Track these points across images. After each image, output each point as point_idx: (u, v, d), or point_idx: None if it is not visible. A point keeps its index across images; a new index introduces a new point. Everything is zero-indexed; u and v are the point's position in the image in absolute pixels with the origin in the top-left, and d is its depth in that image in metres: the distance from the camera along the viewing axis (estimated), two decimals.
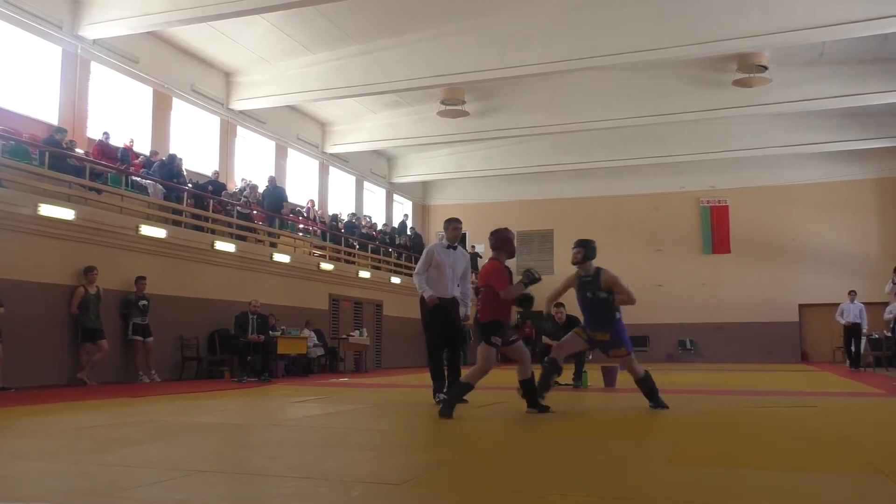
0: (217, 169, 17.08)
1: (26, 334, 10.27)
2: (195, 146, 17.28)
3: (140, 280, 12.15)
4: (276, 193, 17.45)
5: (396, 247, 22.85)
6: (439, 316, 7.33)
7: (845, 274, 23.07)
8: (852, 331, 16.29)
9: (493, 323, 6.15)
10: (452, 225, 7.43)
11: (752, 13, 14.33)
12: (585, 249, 6.81)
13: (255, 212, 16.38)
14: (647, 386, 6.77)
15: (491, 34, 15.93)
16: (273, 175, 17.92)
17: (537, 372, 6.66)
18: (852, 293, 16.65)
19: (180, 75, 16.62)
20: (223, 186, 16.44)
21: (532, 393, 6.40)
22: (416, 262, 23.24)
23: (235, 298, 14.00)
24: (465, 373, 6.31)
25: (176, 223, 13.67)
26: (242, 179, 17.21)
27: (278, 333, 14.09)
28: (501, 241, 6.32)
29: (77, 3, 13.78)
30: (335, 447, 4.65)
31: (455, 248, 7.44)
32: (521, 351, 6.35)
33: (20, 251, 10.44)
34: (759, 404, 7.75)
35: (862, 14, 13.64)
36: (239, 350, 13.08)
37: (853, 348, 16.36)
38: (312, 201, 20.82)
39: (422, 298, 7.42)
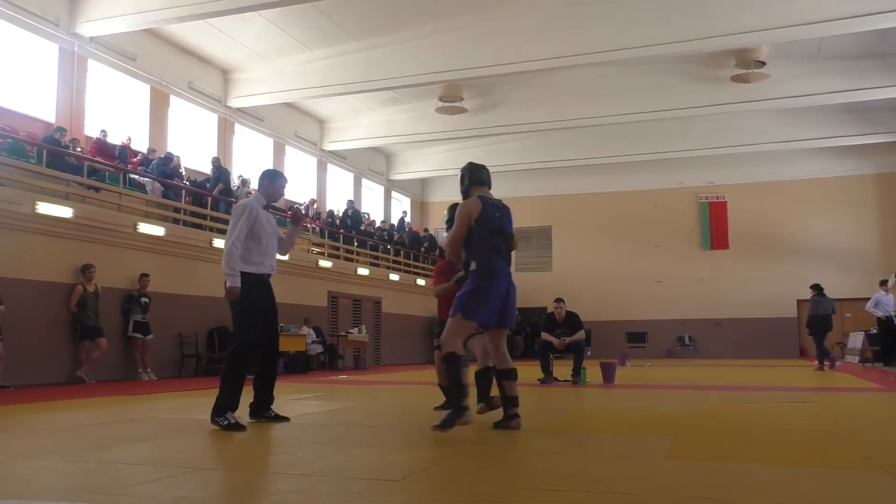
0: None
1: (26, 332, 10.28)
2: (193, 144, 17.26)
3: (143, 277, 12.18)
4: (222, 176, 15.86)
5: (395, 244, 22.84)
6: (261, 303, 5.43)
7: (844, 269, 23.07)
8: (890, 324, 15.51)
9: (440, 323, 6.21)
10: (278, 182, 5.67)
11: (750, 9, 14.32)
12: (466, 174, 5.30)
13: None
14: (449, 375, 4.88)
15: (489, 30, 15.92)
16: (217, 156, 16.42)
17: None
18: (886, 282, 15.85)
19: (178, 73, 16.59)
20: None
21: (450, 395, 6.25)
22: (415, 259, 23.51)
23: None
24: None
25: (175, 221, 13.67)
26: (239, 177, 17.12)
27: None
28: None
29: (74, 0, 13.76)
30: (334, 444, 4.66)
31: (270, 208, 5.70)
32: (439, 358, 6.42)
33: (19, 249, 10.44)
34: (758, 400, 7.76)
35: (860, 9, 13.64)
36: None
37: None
38: (314, 200, 20.79)
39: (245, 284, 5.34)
